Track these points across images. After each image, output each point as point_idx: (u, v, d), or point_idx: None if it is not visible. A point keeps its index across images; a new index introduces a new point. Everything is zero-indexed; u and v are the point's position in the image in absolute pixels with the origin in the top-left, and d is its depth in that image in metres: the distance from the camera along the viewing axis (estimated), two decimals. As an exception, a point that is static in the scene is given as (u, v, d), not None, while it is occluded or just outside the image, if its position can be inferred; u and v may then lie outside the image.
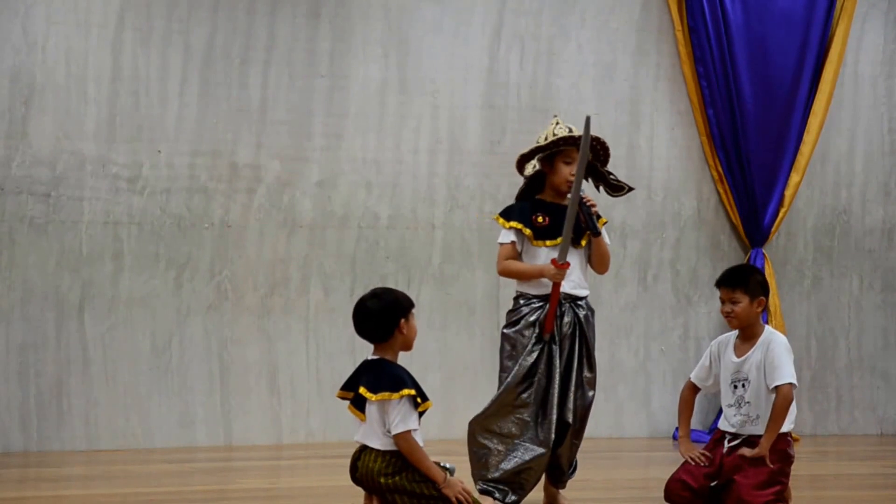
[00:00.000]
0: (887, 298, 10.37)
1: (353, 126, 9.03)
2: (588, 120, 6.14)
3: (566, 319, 6.27)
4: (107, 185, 8.50)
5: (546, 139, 6.30)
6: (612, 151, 9.45)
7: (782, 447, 6.08)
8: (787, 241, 10.10)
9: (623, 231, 9.63)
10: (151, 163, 8.59)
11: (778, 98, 9.80)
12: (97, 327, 8.47)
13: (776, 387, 6.01)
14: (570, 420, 6.25)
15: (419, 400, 5.20)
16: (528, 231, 6.30)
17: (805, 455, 8.37)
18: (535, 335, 6.24)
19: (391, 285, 7.94)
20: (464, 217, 9.26)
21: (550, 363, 6.24)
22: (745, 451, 6.03)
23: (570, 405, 6.25)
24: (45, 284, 8.36)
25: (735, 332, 6.27)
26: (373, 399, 5.20)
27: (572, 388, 6.26)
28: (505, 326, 6.36)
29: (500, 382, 6.30)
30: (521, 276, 6.33)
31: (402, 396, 5.17)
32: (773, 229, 9.85)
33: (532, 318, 6.26)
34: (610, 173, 6.47)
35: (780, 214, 9.86)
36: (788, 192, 9.87)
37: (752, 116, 9.71)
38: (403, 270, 9.13)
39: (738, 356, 6.16)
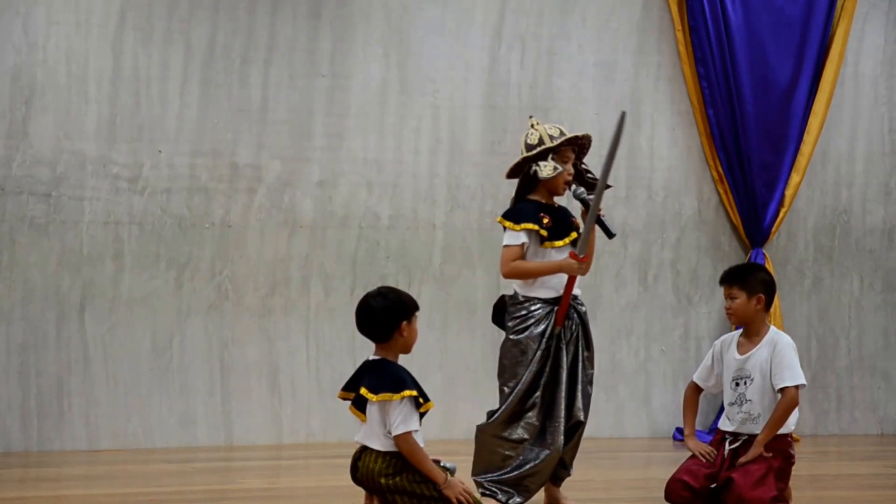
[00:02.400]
0: (888, 298, 10.36)
1: (353, 126, 9.03)
2: (623, 115, 6.10)
3: (571, 320, 6.24)
4: (107, 185, 8.50)
5: (540, 140, 6.25)
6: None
7: (783, 448, 6.08)
8: (788, 241, 10.09)
9: (624, 231, 9.63)
10: (152, 163, 8.59)
11: (778, 98, 9.79)
12: (98, 327, 8.47)
13: (783, 388, 6.01)
14: (583, 418, 6.25)
15: (421, 400, 5.19)
16: (543, 232, 6.21)
17: (805, 455, 8.36)
18: (544, 341, 6.18)
19: (392, 285, 7.93)
20: (464, 217, 9.25)
21: (557, 364, 6.19)
22: (742, 459, 6.03)
23: (580, 403, 6.23)
24: (45, 284, 8.36)
25: (739, 331, 6.28)
26: (374, 400, 5.20)
27: (579, 388, 6.24)
28: (512, 332, 6.23)
29: (507, 389, 6.23)
30: (538, 274, 6.20)
31: (403, 397, 5.16)
32: (773, 229, 9.85)
33: (542, 326, 6.17)
34: (588, 171, 6.44)
35: (781, 214, 9.86)
36: (789, 193, 9.87)
37: (752, 116, 9.71)
38: (404, 271, 9.12)
39: (742, 353, 6.18)
